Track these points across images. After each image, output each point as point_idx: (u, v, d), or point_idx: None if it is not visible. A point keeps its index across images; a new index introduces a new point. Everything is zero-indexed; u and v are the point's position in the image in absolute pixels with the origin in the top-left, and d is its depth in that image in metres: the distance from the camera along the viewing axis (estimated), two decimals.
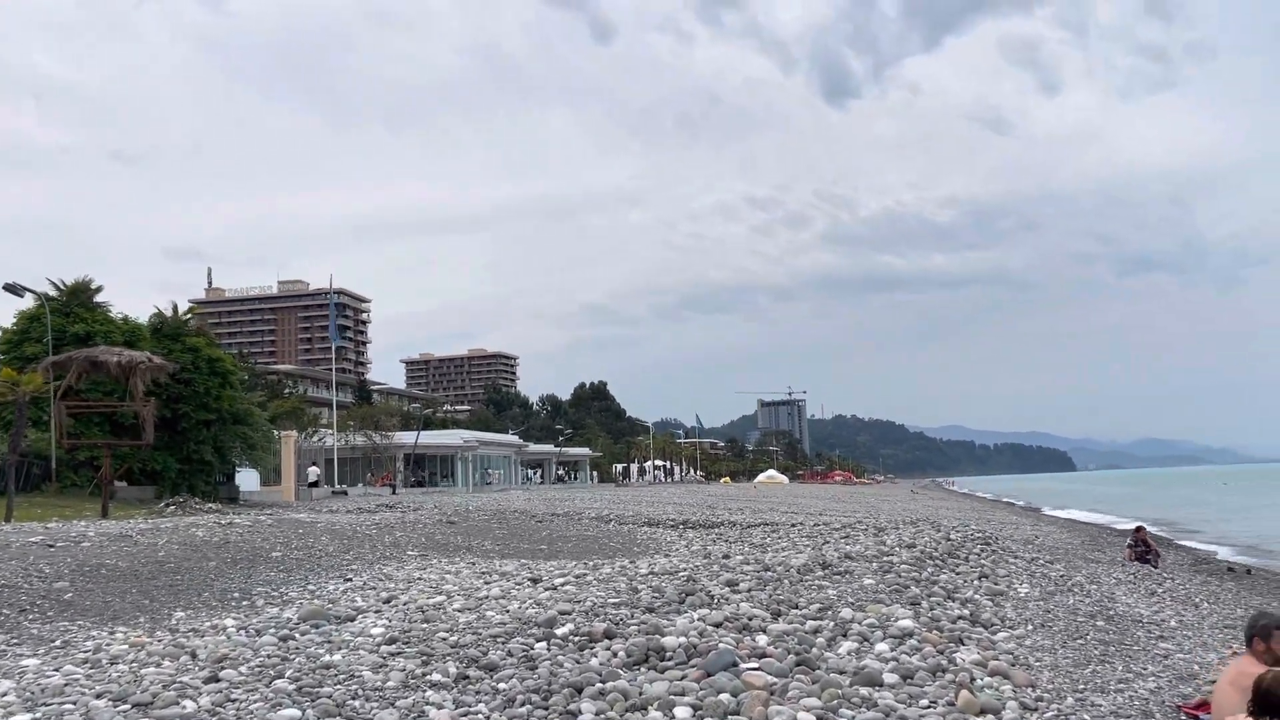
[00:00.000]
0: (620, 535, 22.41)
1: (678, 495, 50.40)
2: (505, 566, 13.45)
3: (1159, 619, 10.77)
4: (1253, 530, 39.66)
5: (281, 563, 13.25)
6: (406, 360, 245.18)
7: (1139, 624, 10.13)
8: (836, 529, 21.92)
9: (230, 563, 12.85)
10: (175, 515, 21.98)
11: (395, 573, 12.85)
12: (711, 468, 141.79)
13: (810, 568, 11.41)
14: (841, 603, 9.48)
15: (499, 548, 18.19)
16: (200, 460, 28.24)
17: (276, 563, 13.19)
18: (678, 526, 25.19)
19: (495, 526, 22.33)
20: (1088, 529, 39.83)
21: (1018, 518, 45.70)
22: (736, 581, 10.08)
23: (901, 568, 11.78)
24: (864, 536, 18.31)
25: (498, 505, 29.82)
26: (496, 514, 25.65)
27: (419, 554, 15.66)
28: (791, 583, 10.39)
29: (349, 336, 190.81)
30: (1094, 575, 15.24)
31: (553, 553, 18.01)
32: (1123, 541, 29.30)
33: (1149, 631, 9.62)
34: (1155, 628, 10.00)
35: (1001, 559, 14.66)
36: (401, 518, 22.99)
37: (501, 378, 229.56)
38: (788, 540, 19.75)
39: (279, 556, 13.69)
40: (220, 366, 28.81)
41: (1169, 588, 14.62)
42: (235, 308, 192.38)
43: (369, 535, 17.76)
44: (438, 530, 20.22)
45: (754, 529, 23.97)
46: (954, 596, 10.52)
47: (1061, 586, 12.77)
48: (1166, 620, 10.71)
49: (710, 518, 27.40)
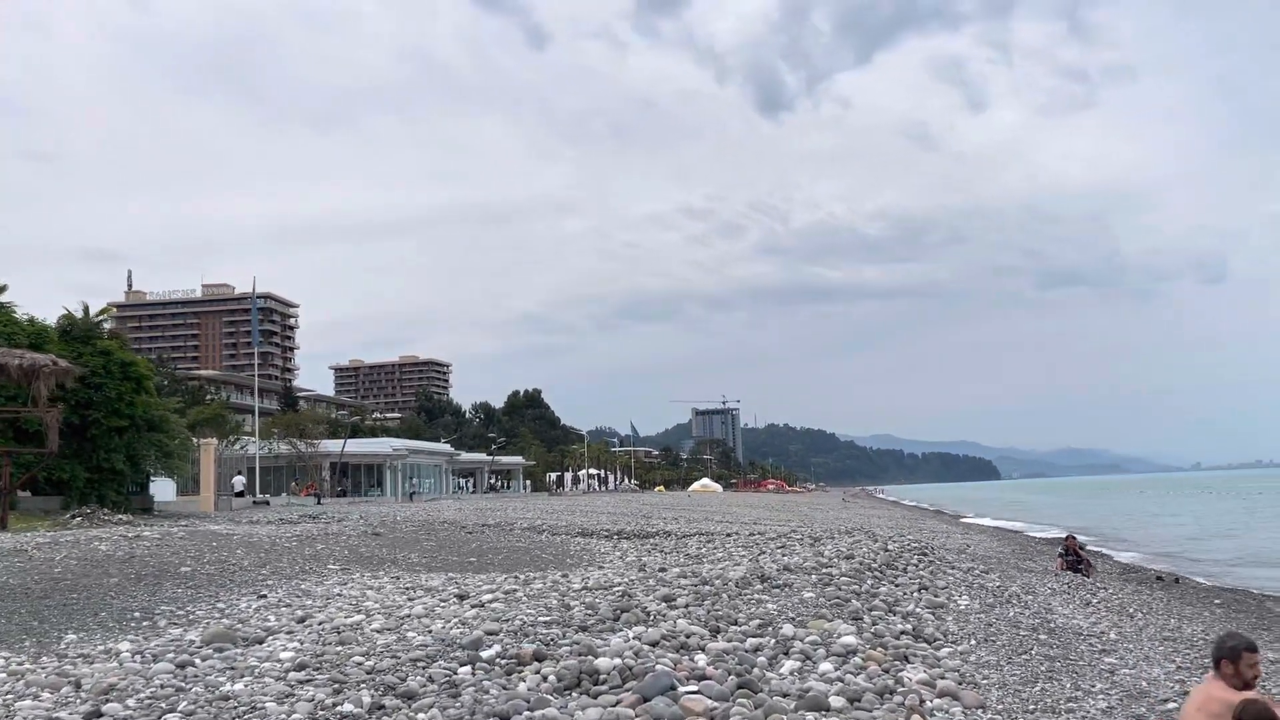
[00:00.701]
0: (553, 546, 21.88)
1: (612, 504, 49.89)
2: (431, 581, 12.85)
3: (1098, 631, 10.63)
4: (1171, 538, 40.61)
5: (191, 578, 12.47)
6: (336, 367, 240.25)
7: (1080, 637, 9.96)
8: (772, 538, 21.67)
9: (134, 579, 12.04)
10: (81, 527, 20.82)
11: (314, 589, 12.17)
12: (646, 476, 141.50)
13: (749, 580, 11.06)
14: (782, 618, 9.12)
15: (426, 561, 17.53)
16: (111, 469, 26.85)
17: (185, 579, 12.41)
18: (612, 537, 24.74)
19: (423, 538, 21.62)
20: (1016, 538, 40.33)
21: (948, 526, 46.16)
22: (673, 596, 9.67)
23: (841, 580, 11.50)
24: (800, 547, 18.06)
25: (426, 516, 29.02)
26: (424, 525, 24.90)
27: (341, 568, 14.96)
28: (730, 597, 10.02)
29: (275, 342, 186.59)
30: (1029, 586, 15.17)
31: (482, 566, 17.41)
32: (1052, 550, 29.62)
33: (1091, 645, 9.44)
34: (1096, 640, 9.83)
35: (939, 570, 14.50)
36: (324, 529, 22.14)
37: (434, 385, 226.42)
38: (724, 550, 19.42)
39: (188, 572, 12.90)
40: (134, 371, 27.48)
41: (1103, 598, 14.58)
42: (157, 312, 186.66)
43: (288, 548, 16.96)
44: (362, 542, 19.46)
45: (689, 539, 23.62)
46: (895, 610, 10.25)
47: (1000, 598, 12.62)
48: (1105, 632, 10.56)
49: (645, 527, 26.98)
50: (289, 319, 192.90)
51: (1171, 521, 54.67)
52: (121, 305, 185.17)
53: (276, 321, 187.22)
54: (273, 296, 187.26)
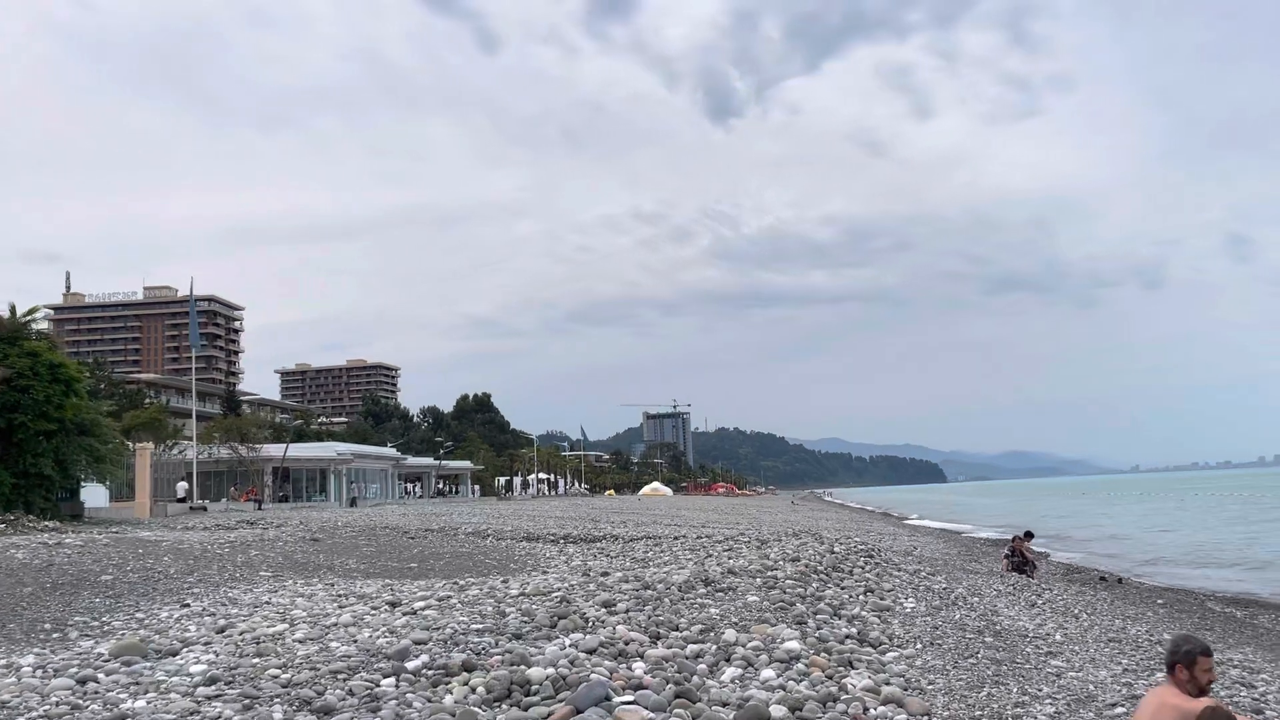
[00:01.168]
0: (497, 551, 21.45)
1: (560, 508, 49.45)
2: (366, 588, 12.41)
3: (1044, 633, 10.54)
4: (1111, 538, 41.27)
5: (111, 587, 11.90)
6: (282, 371, 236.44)
7: (1026, 639, 9.84)
8: (719, 541, 21.45)
9: (50, 588, 11.46)
10: (3, 535, 19.99)
11: (242, 597, 11.68)
12: (596, 480, 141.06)
13: (692, 584, 10.80)
14: (725, 623, 8.87)
15: (364, 567, 17.04)
16: (39, 474, 25.82)
17: (105, 587, 11.84)
18: (558, 541, 24.38)
19: (363, 544, 21.08)
20: (962, 539, 40.65)
21: (895, 528, 46.43)
22: (614, 602, 9.37)
23: (786, 583, 11.29)
24: (747, 550, 17.85)
25: (368, 521, 28.40)
26: (366, 530, 24.33)
27: (273, 575, 14.44)
28: (672, 601, 9.74)
29: (219, 345, 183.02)
30: (975, 587, 15.12)
31: (423, 571, 16.95)
32: (997, 551, 29.84)
33: (1037, 647, 9.32)
34: (1042, 643, 9.72)
35: (885, 572, 14.38)
36: (261, 535, 21.51)
37: (382, 389, 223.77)
38: (670, 554, 19.17)
39: (109, 580, 12.33)
40: (63, 373, 26.49)
41: (1048, 599, 14.56)
42: (96, 314, 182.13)
43: (219, 555, 16.37)
44: (299, 548, 18.89)
45: (636, 542, 23.35)
46: (840, 613, 10.06)
47: (946, 600, 12.50)
48: (1051, 634, 10.47)
49: (592, 531, 26.65)
50: (233, 322, 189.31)
51: (1111, 522, 55.64)
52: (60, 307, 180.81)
53: (221, 325, 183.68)
54: (217, 299, 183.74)
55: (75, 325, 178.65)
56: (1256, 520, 52.48)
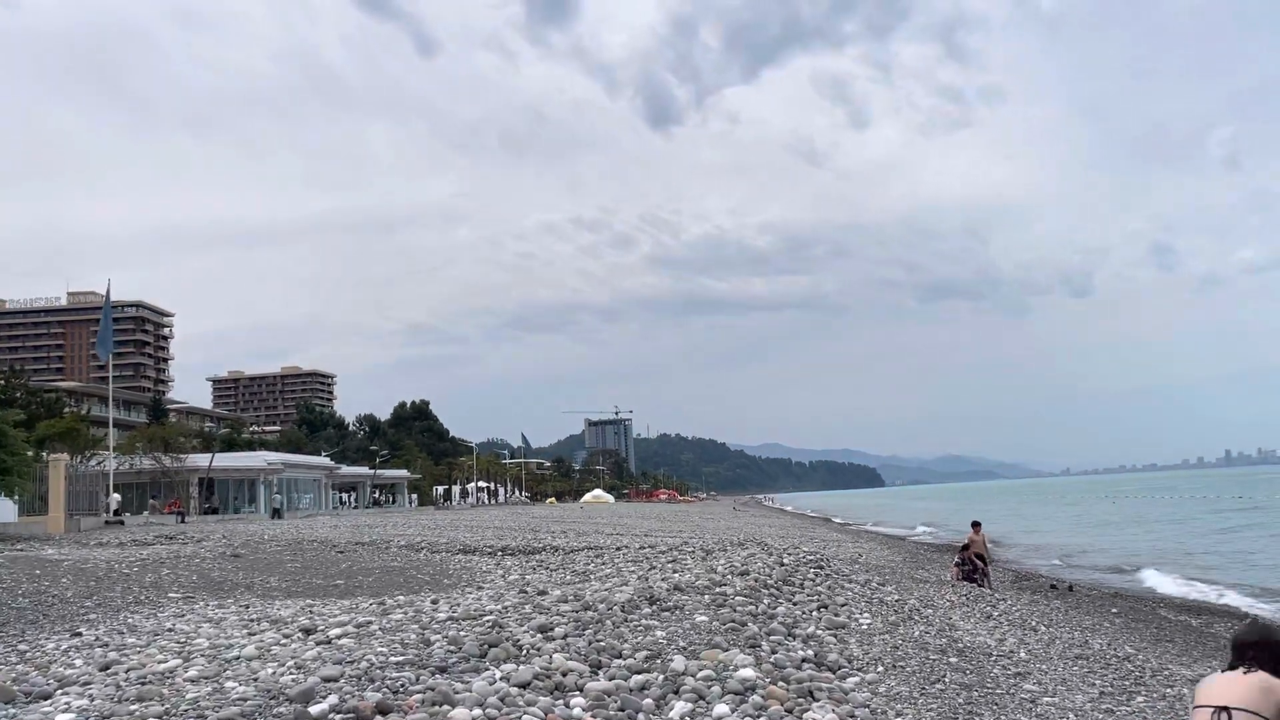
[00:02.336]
0: (431, 565, 20.49)
1: (500, 518, 48.39)
2: (282, 610, 11.44)
3: (1007, 649, 9.99)
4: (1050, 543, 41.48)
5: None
6: (214, 379, 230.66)
7: (991, 658, 9.27)
8: (663, 552, 20.75)
9: None
10: None
11: (143, 623, 10.63)
12: (537, 488, 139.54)
13: (636, 603, 10.05)
14: (672, 648, 8.14)
15: (287, 585, 15.99)
16: None
17: None
18: (496, 554, 23.45)
19: (288, 559, 19.97)
20: (904, 545, 40.53)
21: (838, 534, 46.21)
22: (551, 626, 8.57)
23: (736, 600, 10.60)
24: (692, 561, 17.17)
25: (296, 534, 27.16)
26: (292, 544, 23.16)
27: (183, 597, 13.37)
28: (615, 624, 8.98)
29: (148, 353, 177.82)
30: (928, 598, 14.61)
31: (349, 589, 15.95)
32: (942, 558, 29.58)
33: (1005, 668, 8.74)
34: (1008, 662, 9.15)
35: (837, 584, 13.79)
36: (177, 551, 20.26)
37: (317, 397, 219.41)
38: (612, 566, 18.42)
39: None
40: None
41: (1003, 610, 14.10)
42: (17, 320, 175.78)
43: (126, 574, 15.22)
44: (217, 565, 17.75)
45: (578, 553, 22.54)
46: (795, 633, 9.39)
47: (901, 614, 11.93)
48: (1015, 651, 9.93)
49: (532, 543, 25.75)
50: (163, 328, 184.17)
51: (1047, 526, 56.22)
52: None
53: (149, 331, 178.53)
54: (145, 305, 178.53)
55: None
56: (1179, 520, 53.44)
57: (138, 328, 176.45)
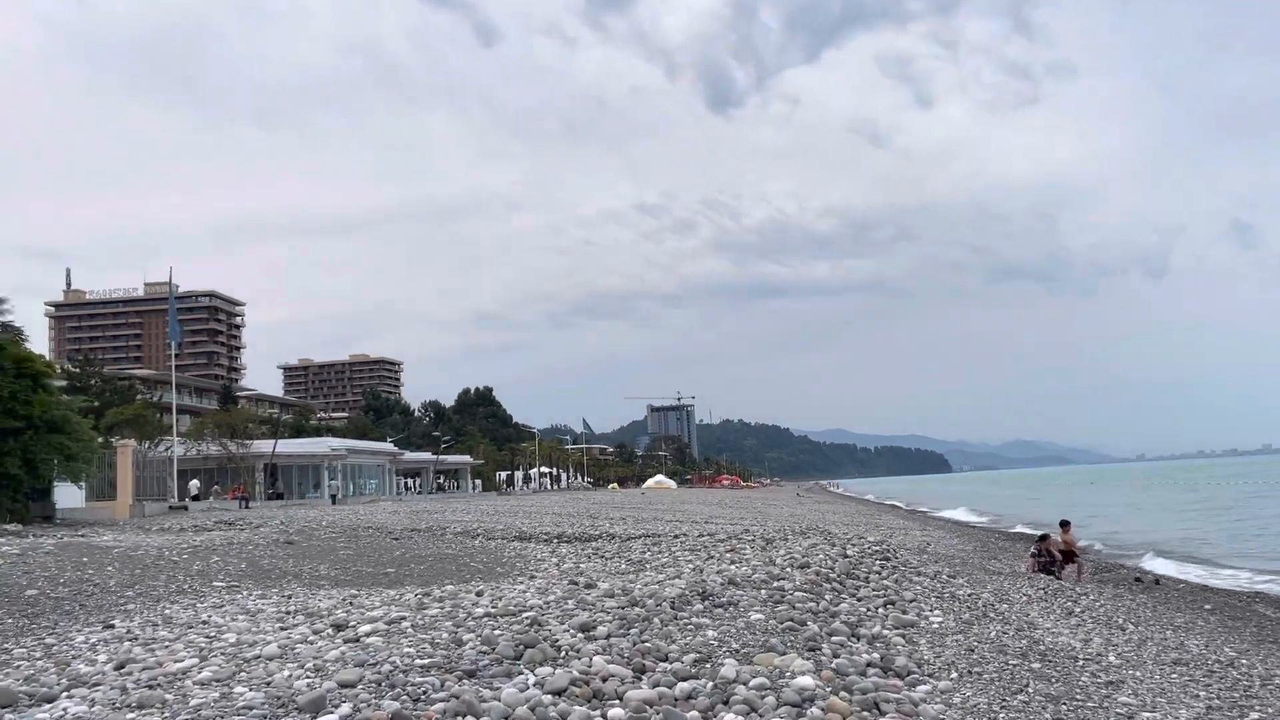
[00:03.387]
0: (485, 553, 20.09)
1: (560, 504, 48.12)
2: (322, 602, 11.03)
3: (1093, 652, 9.13)
4: (1132, 532, 39.77)
5: (33, 604, 10.53)
6: (285, 366, 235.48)
7: (1077, 663, 8.44)
8: (722, 540, 20.06)
9: None
10: None
11: (179, 614, 10.29)
12: (600, 474, 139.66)
13: (688, 599, 9.40)
14: (724, 650, 7.49)
15: (336, 573, 15.67)
16: (5, 474, 24.55)
17: (25, 604, 10.47)
18: (551, 541, 23.01)
19: (341, 546, 19.73)
20: (974, 532, 39.30)
21: (905, 521, 45.06)
22: (593, 624, 7.96)
23: (795, 596, 9.90)
24: (752, 551, 16.47)
25: (354, 520, 27.04)
26: (347, 531, 22.97)
27: (227, 586, 13.07)
28: (663, 622, 8.35)
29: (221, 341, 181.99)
30: (1002, 592, 13.72)
31: (399, 578, 15.58)
32: (1014, 546, 28.43)
33: (1094, 675, 7.91)
34: (1096, 666, 8.31)
35: (905, 577, 12.96)
36: (232, 537, 20.16)
37: (385, 384, 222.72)
38: (669, 555, 17.81)
39: (33, 595, 10.96)
40: (29, 368, 25.16)
41: (1085, 605, 13.15)
42: (97, 311, 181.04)
43: (175, 562, 15.02)
44: (268, 553, 17.54)
45: (635, 541, 21.98)
46: (859, 633, 8.66)
47: (975, 610, 11.09)
48: (1103, 654, 9.06)
49: (589, 530, 25.26)
50: (235, 318, 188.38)
51: (1125, 514, 54.15)
52: (60, 304, 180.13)
53: (222, 321, 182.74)
54: (218, 295, 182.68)
55: (76, 322, 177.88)
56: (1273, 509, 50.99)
57: (210, 317, 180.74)
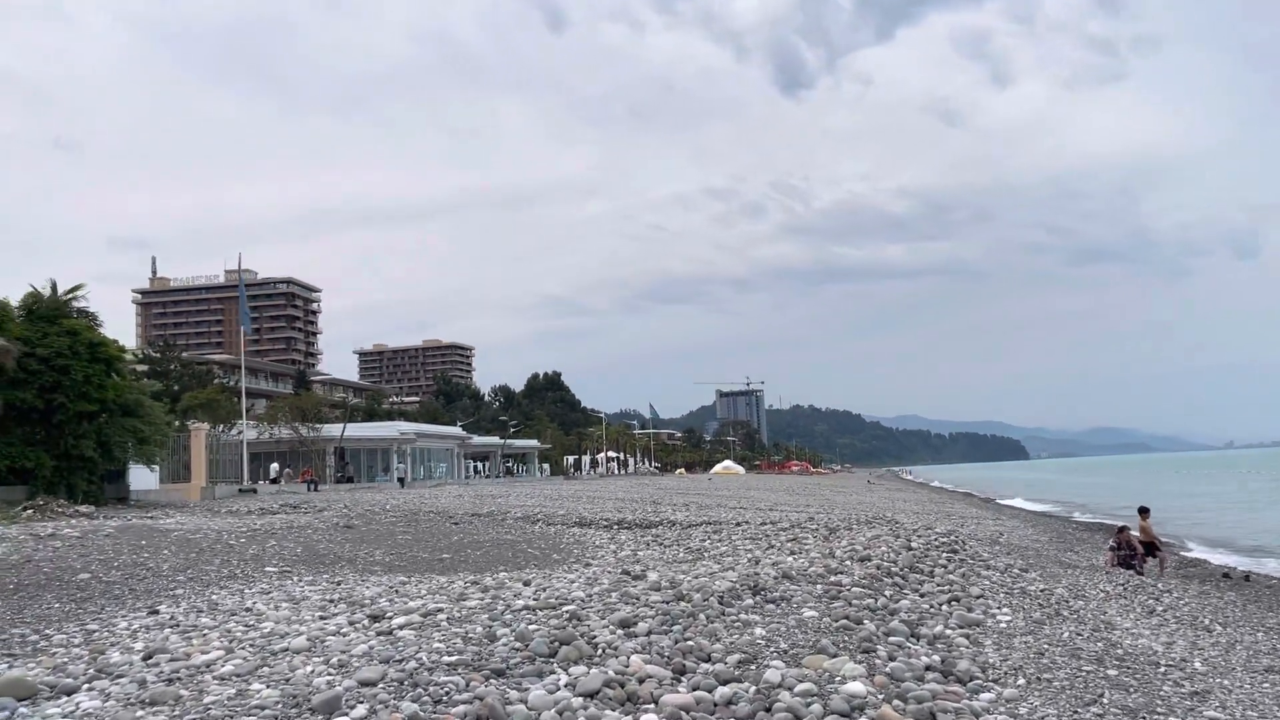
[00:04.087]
0: (544, 539, 19.91)
1: (624, 489, 47.95)
2: (368, 589, 10.86)
3: (1177, 657, 8.47)
4: (1218, 522, 38.07)
5: (83, 588, 10.55)
6: (360, 351, 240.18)
7: (1158, 668, 7.81)
8: (784, 529, 19.57)
9: (11, 590, 10.15)
10: (29, 520, 19.10)
11: (225, 600, 10.21)
12: (667, 459, 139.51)
13: (738, 593, 8.98)
14: (771, 649, 7.05)
15: (391, 559, 15.59)
16: (80, 456, 25.16)
17: (75, 588, 10.50)
18: (612, 527, 22.76)
19: (400, 531, 19.72)
20: (1050, 522, 38.06)
21: (978, 510, 43.89)
22: (634, 621, 7.59)
23: (853, 591, 9.40)
24: (813, 541, 15.96)
25: (418, 505, 27.15)
26: (408, 516, 23.01)
27: (280, 570, 13.02)
28: (709, 618, 7.94)
29: (298, 327, 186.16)
30: (1078, 587, 13.01)
31: (454, 564, 15.44)
32: (1093, 538, 27.35)
33: (1177, 683, 7.29)
34: (1179, 673, 7.68)
35: (972, 571, 12.34)
36: (293, 521, 20.29)
37: (457, 369, 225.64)
38: (729, 544, 17.40)
39: (85, 579, 11.00)
40: (103, 352, 25.71)
41: (1168, 604, 12.39)
42: (181, 298, 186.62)
43: (232, 546, 15.08)
44: (326, 537, 17.57)
45: (695, 529, 21.61)
46: (919, 633, 8.14)
47: (1047, 608, 10.47)
48: (1188, 659, 8.40)
49: (649, 517, 24.95)
50: (311, 304, 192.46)
51: (1213, 504, 51.99)
52: (146, 292, 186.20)
53: (299, 306, 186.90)
54: (294, 281, 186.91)
55: (161, 309, 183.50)
56: None
57: (288, 303, 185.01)
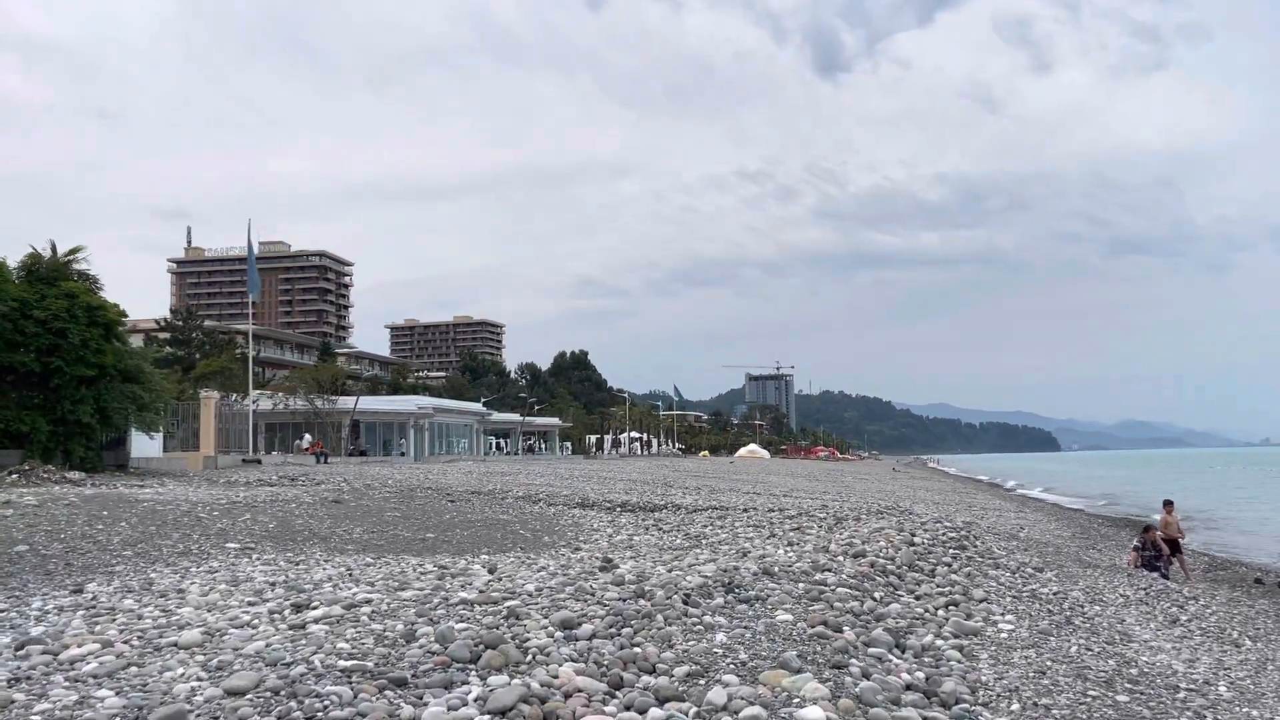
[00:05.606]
0: (540, 520, 19.11)
1: (641, 470, 47.15)
2: (321, 572, 10.09)
3: (1198, 677, 7.50)
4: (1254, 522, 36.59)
5: (15, 561, 9.87)
6: (391, 326, 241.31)
7: (1175, 692, 6.85)
8: (791, 516, 18.67)
9: None
10: (10, 486, 18.59)
11: (162, 580, 9.47)
12: (692, 441, 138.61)
13: (709, 590, 8.10)
14: (729, 660, 6.18)
15: (370, 537, 14.84)
16: (78, 422, 24.66)
17: (6, 561, 9.82)
18: (614, 509, 21.94)
19: (391, 508, 18.99)
20: (1078, 517, 36.81)
21: (1002, 502, 42.68)
22: (578, 621, 6.73)
23: (838, 592, 8.49)
24: (815, 531, 15.05)
25: (421, 480, 26.49)
26: (404, 492, 22.31)
27: (242, 548, 12.29)
28: (668, 619, 7.06)
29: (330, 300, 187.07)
30: (1095, 591, 12.01)
31: (435, 545, 14.66)
32: (1118, 534, 26.18)
33: (1198, 713, 6.33)
34: (1202, 700, 6.71)
35: (980, 570, 11.38)
36: (280, 494, 19.65)
37: (487, 346, 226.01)
38: (730, 531, 16.55)
39: (22, 551, 10.32)
40: (101, 316, 25.11)
41: (1193, 613, 11.36)
42: (215, 268, 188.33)
43: (201, 518, 14.39)
44: (308, 512, 16.86)
45: (700, 513, 20.75)
46: (904, 643, 7.23)
47: (1058, 615, 9.51)
48: (1212, 681, 7.42)
49: (655, 500, 24.11)
50: (344, 277, 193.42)
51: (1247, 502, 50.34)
52: (181, 261, 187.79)
53: (331, 280, 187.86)
54: (328, 255, 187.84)
55: (196, 279, 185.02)
56: None
57: (320, 276, 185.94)
